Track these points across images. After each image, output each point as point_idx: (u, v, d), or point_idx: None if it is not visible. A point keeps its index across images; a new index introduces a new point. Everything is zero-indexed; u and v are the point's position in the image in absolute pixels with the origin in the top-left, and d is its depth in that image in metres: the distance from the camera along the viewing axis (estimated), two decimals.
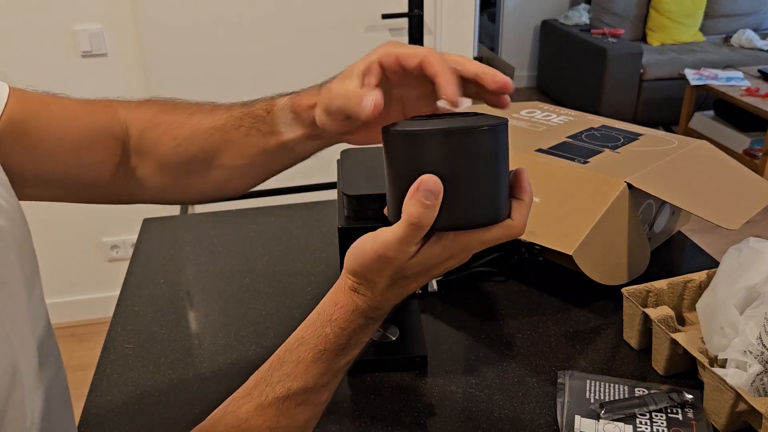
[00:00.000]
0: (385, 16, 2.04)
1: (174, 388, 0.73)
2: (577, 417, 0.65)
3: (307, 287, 0.91)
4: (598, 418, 0.64)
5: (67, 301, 2.30)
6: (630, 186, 0.80)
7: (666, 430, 0.63)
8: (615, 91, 4.01)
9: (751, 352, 0.63)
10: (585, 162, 0.85)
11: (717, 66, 3.97)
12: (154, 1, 1.92)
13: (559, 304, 0.85)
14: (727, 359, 0.65)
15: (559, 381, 0.71)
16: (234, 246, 1.02)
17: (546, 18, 4.81)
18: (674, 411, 0.65)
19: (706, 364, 0.65)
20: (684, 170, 0.87)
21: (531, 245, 0.81)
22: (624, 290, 0.77)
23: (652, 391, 0.68)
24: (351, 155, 0.75)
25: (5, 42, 1.89)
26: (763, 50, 4.26)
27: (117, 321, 0.85)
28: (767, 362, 0.62)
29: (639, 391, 0.68)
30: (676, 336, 0.69)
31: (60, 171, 0.60)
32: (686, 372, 0.72)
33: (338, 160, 0.75)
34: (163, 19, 1.95)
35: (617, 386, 0.69)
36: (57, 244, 2.19)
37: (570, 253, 0.76)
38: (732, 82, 3.60)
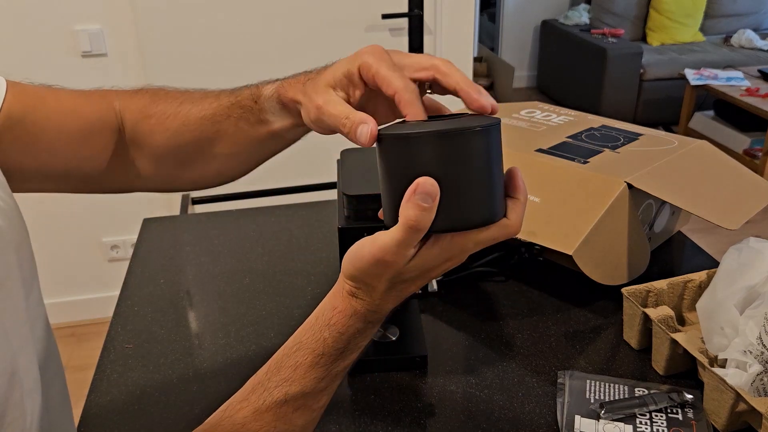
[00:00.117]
0: (385, 16, 2.04)
1: (174, 388, 0.73)
2: (577, 417, 0.65)
3: (307, 287, 0.91)
4: (598, 418, 0.64)
5: (67, 301, 2.30)
6: (630, 186, 0.79)
7: (666, 430, 0.63)
8: (615, 91, 4.01)
9: (751, 352, 0.63)
10: (585, 162, 0.85)
11: (717, 66, 3.97)
12: (154, 1, 1.92)
13: (559, 304, 0.85)
14: (727, 359, 0.65)
15: (559, 381, 0.71)
16: (234, 246, 1.02)
17: (546, 18, 4.80)
18: (674, 411, 0.65)
19: (706, 364, 0.65)
20: (684, 170, 0.87)
21: (531, 245, 0.81)
22: (624, 290, 0.77)
23: (652, 391, 0.68)
24: (351, 155, 0.75)
25: (5, 42, 1.89)
26: (763, 50, 4.26)
27: (117, 321, 0.85)
28: (767, 362, 0.62)
29: (639, 391, 0.68)
30: (676, 336, 0.69)
31: (59, 164, 0.60)
32: (686, 372, 0.72)
33: (338, 160, 0.75)
34: (163, 19, 1.95)
35: (617, 386, 0.69)
36: (57, 244, 2.19)
37: (570, 253, 0.76)
38: (732, 82, 3.60)
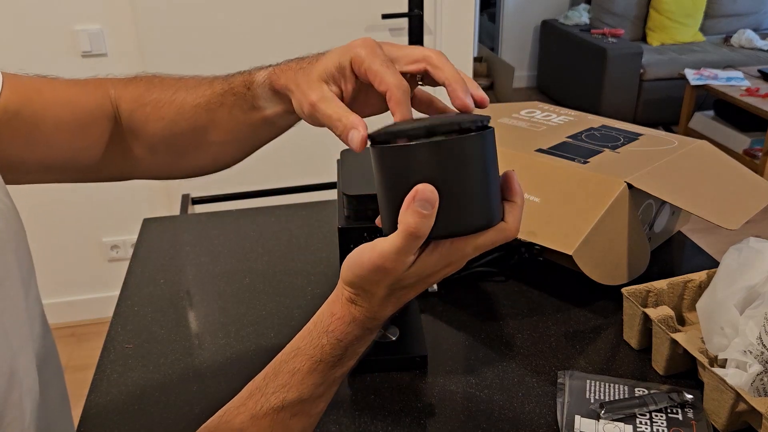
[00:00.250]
0: (385, 16, 2.04)
1: (174, 388, 0.73)
2: (577, 417, 0.65)
3: (307, 287, 0.91)
4: (598, 418, 0.64)
5: (67, 301, 2.30)
6: (630, 186, 0.79)
7: (666, 430, 0.63)
8: (615, 91, 4.01)
9: (751, 352, 0.63)
10: (585, 162, 0.85)
11: (717, 66, 3.97)
12: (154, 1, 1.92)
13: (559, 304, 0.85)
14: (727, 359, 0.65)
15: (559, 381, 0.71)
16: (234, 246, 1.02)
17: (546, 18, 4.81)
18: (674, 411, 0.65)
19: (706, 364, 0.65)
20: (684, 170, 0.87)
21: (531, 245, 0.81)
22: (624, 290, 0.77)
23: (652, 391, 0.68)
24: (351, 155, 0.75)
25: (5, 42, 1.89)
26: (763, 50, 4.26)
27: (117, 321, 0.85)
28: (767, 362, 0.62)
29: (639, 391, 0.68)
30: (676, 336, 0.69)
31: (58, 154, 0.60)
32: (686, 372, 0.72)
33: (338, 160, 0.75)
34: (163, 19, 1.95)
35: (617, 386, 0.69)
36: (57, 244, 2.19)
37: (570, 253, 0.76)
38: (732, 82, 3.60)
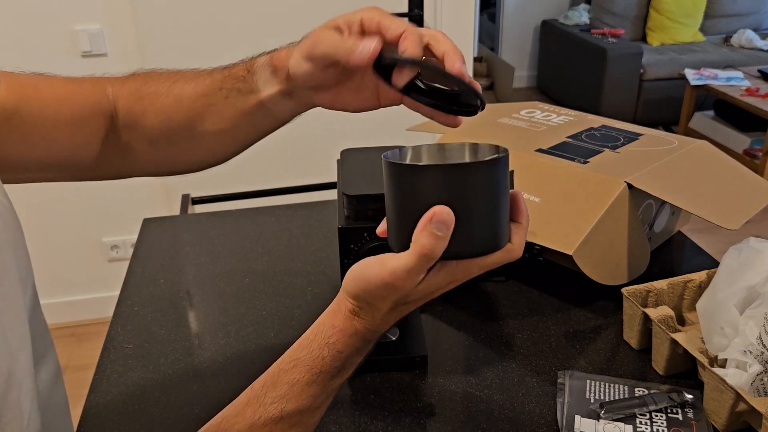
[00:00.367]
0: None
1: (174, 388, 0.73)
2: (577, 417, 0.65)
3: (307, 287, 0.91)
4: (598, 418, 0.64)
5: (67, 301, 2.30)
6: (630, 186, 0.79)
7: (666, 430, 0.63)
8: (615, 91, 4.01)
9: (751, 352, 0.63)
10: (585, 162, 0.85)
11: (717, 66, 3.97)
12: (154, 1, 1.92)
13: (559, 304, 0.85)
14: (727, 359, 0.65)
15: (559, 381, 0.71)
16: (234, 246, 1.02)
17: (546, 18, 4.81)
18: (674, 411, 0.65)
19: (706, 364, 0.65)
20: (684, 170, 0.87)
21: (531, 245, 0.81)
22: (624, 290, 0.77)
23: (652, 391, 0.68)
24: (351, 155, 0.75)
25: (5, 42, 1.89)
26: (763, 50, 4.26)
27: (117, 321, 0.85)
28: (767, 362, 0.62)
29: (639, 391, 0.68)
30: (676, 336, 0.69)
31: (56, 152, 0.60)
32: (686, 372, 0.72)
33: (338, 160, 0.75)
34: (163, 19, 1.95)
35: (617, 386, 0.69)
36: (57, 244, 2.19)
37: (570, 253, 0.76)
38: (732, 82, 3.60)
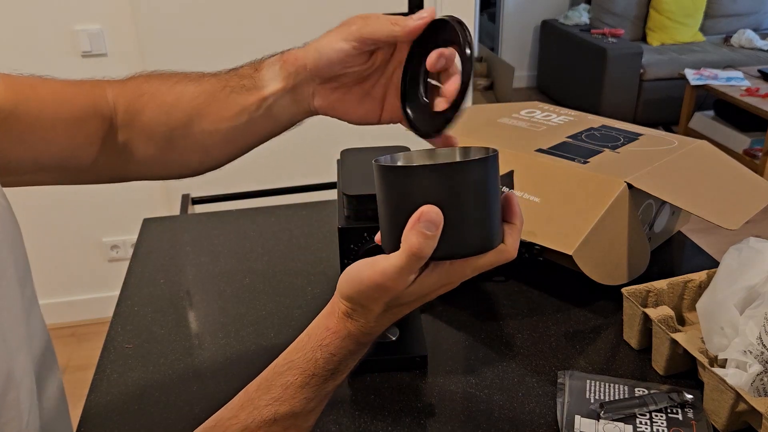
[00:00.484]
0: None
1: (174, 388, 0.73)
2: (577, 417, 0.65)
3: (307, 287, 0.91)
4: (598, 418, 0.64)
5: (67, 301, 2.30)
6: (630, 186, 0.79)
7: (666, 430, 0.63)
8: (615, 91, 4.01)
9: (751, 352, 0.63)
10: (585, 162, 0.85)
11: (717, 66, 3.97)
12: (154, 1, 1.92)
13: (559, 304, 0.85)
14: (727, 359, 0.65)
15: (559, 381, 0.71)
16: (234, 246, 1.02)
17: (546, 18, 4.81)
18: (674, 411, 0.65)
19: (706, 364, 0.65)
20: (684, 170, 0.87)
21: (531, 245, 0.81)
22: (624, 290, 0.77)
23: (652, 391, 0.68)
24: (351, 155, 0.75)
25: (5, 42, 1.89)
26: (763, 50, 4.26)
27: (117, 321, 0.85)
28: (767, 362, 0.62)
29: (639, 391, 0.68)
30: (676, 336, 0.69)
31: (54, 154, 0.60)
32: (686, 372, 0.72)
33: (338, 160, 0.75)
34: (163, 19, 1.95)
35: (617, 386, 0.69)
36: (57, 244, 2.19)
37: (570, 253, 0.76)
38: (732, 82, 3.60)
